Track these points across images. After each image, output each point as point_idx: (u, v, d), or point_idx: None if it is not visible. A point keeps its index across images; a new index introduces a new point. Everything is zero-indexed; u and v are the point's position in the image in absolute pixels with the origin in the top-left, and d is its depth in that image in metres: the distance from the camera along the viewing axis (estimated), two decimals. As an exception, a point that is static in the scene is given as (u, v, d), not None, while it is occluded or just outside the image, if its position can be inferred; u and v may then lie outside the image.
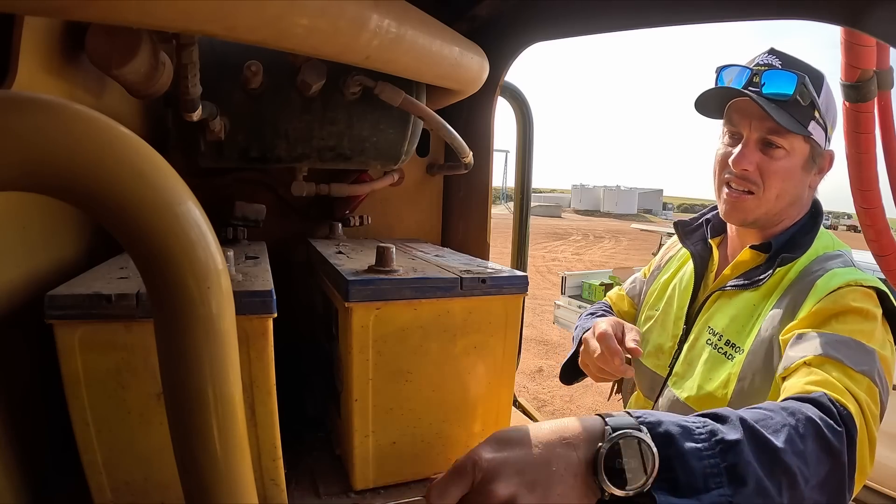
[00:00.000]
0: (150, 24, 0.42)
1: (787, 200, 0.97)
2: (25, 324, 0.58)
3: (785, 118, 0.91)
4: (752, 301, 0.98)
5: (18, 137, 0.28)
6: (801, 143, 0.94)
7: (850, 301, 0.83)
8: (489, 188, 1.28)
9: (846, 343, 0.76)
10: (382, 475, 0.73)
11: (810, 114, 0.92)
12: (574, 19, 1.02)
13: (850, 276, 0.87)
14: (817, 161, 0.97)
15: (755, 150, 0.96)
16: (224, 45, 0.86)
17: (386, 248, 0.68)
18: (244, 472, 0.38)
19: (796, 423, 0.58)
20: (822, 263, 0.93)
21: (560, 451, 0.48)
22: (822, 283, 0.88)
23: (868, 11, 0.59)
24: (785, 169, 0.95)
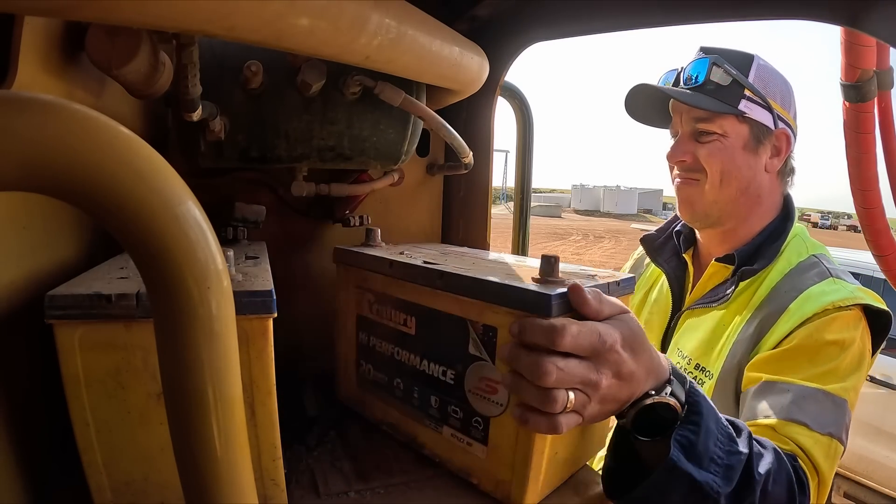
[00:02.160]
0: (150, 24, 0.42)
1: (736, 185, 0.94)
2: (25, 324, 0.58)
3: (704, 101, 0.90)
4: (721, 321, 0.93)
5: (18, 137, 0.28)
6: (734, 124, 0.92)
7: (824, 335, 0.79)
8: (489, 188, 1.28)
9: (814, 398, 0.74)
10: (547, 487, 0.69)
11: (738, 92, 0.90)
12: (574, 19, 1.02)
13: (828, 297, 0.82)
14: (765, 141, 0.93)
15: (688, 140, 0.95)
16: (224, 45, 0.86)
17: (554, 258, 0.61)
18: (244, 472, 0.38)
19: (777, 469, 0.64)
20: (795, 279, 0.88)
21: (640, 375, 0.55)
22: (795, 306, 0.83)
23: (868, 11, 0.59)
24: (720, 151, 0.92)
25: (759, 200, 0.96)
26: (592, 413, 0.54)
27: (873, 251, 1.34)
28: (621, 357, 0.53)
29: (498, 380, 0.63)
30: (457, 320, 0.68)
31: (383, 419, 0.88)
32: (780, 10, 0.70)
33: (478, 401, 0.67)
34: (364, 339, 0.88)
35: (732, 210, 0.96)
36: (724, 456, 0.58)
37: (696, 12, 0.81)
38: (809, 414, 0.73)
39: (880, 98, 1.15)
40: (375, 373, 0.86)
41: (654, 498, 0.56)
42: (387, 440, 0.94)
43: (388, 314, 0.80)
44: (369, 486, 0.81)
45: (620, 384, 0.53)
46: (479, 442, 0.69)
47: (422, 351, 0.75)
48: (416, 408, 0.78)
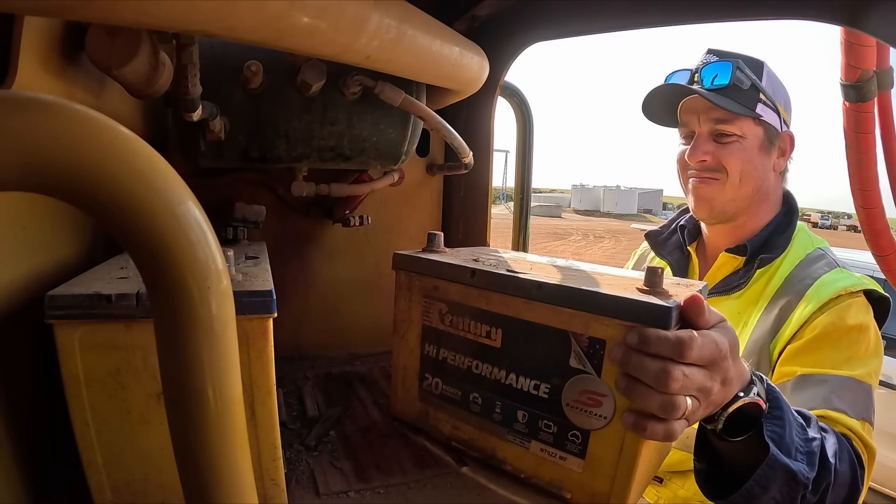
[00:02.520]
0: (150, 24, 0.42)
1: (752, 184, 0.98)
2: (25, 324, 0.58)
3: (729, 103, 0.94)
4: (736, 309, 0.97)
5: (18, 137, 0.28)
6: (751, 126, 0.96)
7: (845, 321, 0.85)
8: (489, 188, 1.28)
9: (848, 387, 0.81)
10: (637, 496, 0.67)
11: (755, 96, 0.94)
12: (574, 19, 1.03)
13: (840, 283, 0.88)
14: (775, 142, 0.98)
15: (707, 141, 0.98)
16: (224, 45, 0.86)
17: (660, 269, 0.60)
18: (244, 472, 0.38)
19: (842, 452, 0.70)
20: (808, 269, 0.94)
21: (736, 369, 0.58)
22: (813, 292, 0.89)
23: (868, 11, 0.59)
24: (740, 151, 0.96)
25: (767, 197, 1.01)
26: (697, 418, 0.57)
27: (873, 251, 1.33)
28: (728, 364, 0.56)
29: (603, 392, 0.61)
30: (556, 332, 0.65)
31: (453, 435, 0.82)
32: (780, 10, 0.70)
33: (577, 414, 0.65)
34: (431, 352, 0.82)
35: (746, 207, 1.00)
36: (804, 444, 0.63)
37: (696, 12, 0.81)
38: (847, 402, 0.79)
39: (880, 98, 1.15)
40: (445, 387, 0.81)
41: (756, 492, 0.60)
42: (386, 440, 0.95)
43: (466, 325, 0.75)
44: (369, 486, 0.81)
45: (724, 389, 0.57)
46: (575, 455, 0.66)
47: (508, 364, 0.71)
48: (499, 423, 0.74)
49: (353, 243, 1.37)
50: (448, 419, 0.83)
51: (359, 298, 1.40)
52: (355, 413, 1.05)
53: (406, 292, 0.85)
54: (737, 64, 0.94)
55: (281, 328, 0.62)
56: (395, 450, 0.91)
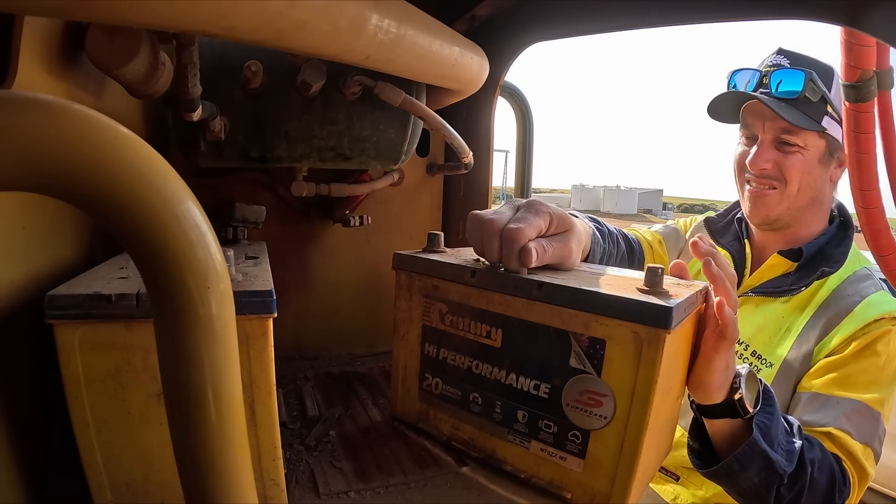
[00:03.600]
0: (150, 24, 0.42)
1: (809, 195, 0.98)
2: (25, 324, 0.58)
3: (796, 116, 0.93)
4: (781, 313, 0.98)
5: (18, 137, 0.28)
6: (815, 139, 0.95)
7: (878, 346, 0.88)
8: (489, 188, 1.28)
9: (858, 412, 0.85)
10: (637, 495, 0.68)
11: (822, 109, 0.94)
12: (574, 19, 1.02)
13: (886, 306, 0.91)
14: (835, 155, 0.98)
15: (770, 148, 0.97)
16: (224, 45, 0.86)
17: (660, 269, 0.60)
18: (244, 472, 0.38)
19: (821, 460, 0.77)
20: (857, 285, 0.96)
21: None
22: (861, 310, 0.92)
23: (868, 11, 0.59)
24: (802, 163, 0.96)
25: (822, 207, 1.02)
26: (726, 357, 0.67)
27: (873, 251, 1.33)
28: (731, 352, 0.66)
29: (604, 393, 0.62)
30: (556, 332, 0.65)
31: (454, 435, 0.82)
32: (780, 10, 0.70)
33: (577, 414, 0.65)
34: (431, 352, 0.82)
35: (801, 216, 1.01)
36: (786, 442, 0.72)
37: (696, 12, 0.81)
38: (854, 425, 0.83)
39: (880, 98, 1.15)
40: (445, 387, 0.81)
41: (735, 468, 0.69)
42: (386, 440, 0.95)
43: (466, 325, 0.75)
44: (369, 486, 0.81)
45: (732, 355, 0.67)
46: (575, 455, 0.67)
47: (508, 364, 0.71)
48: (499, 423, 0.75)
49: (353, 243, 1.37)
50: (448, 419, 0.83)
51: (359, 298, 1.40)
52: (355, 413, 1.05)
53: (406, 292, 0.84)
54: (810, 75, 0.93)
55: (281, 328, 0.62)
56: (395, 450, 0.91)
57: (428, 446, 0.93)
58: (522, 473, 0.74)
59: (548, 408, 0.68)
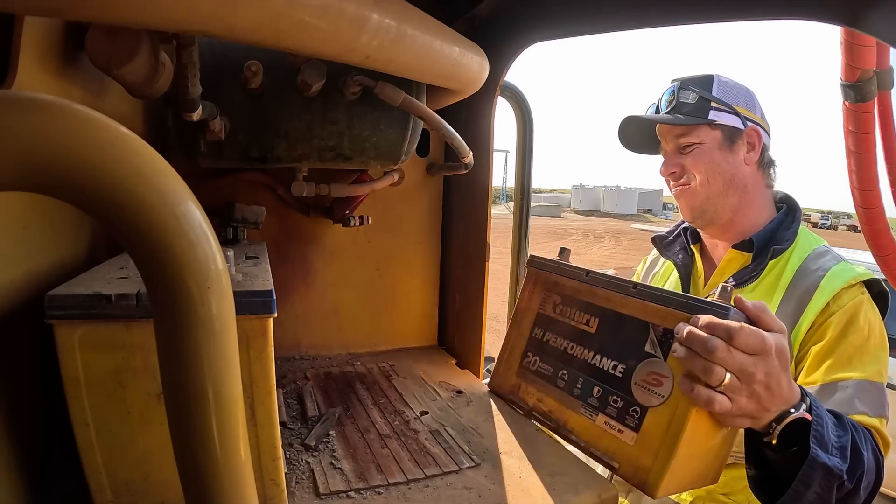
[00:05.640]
0: (150, 24, 0.42)
1: (721, 180, 1.09)
2: (25, 324, 0.58)
3: (677, 119, 1.08)
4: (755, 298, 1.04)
5: (18, 137, 0.28)
6: (708, 131, 1.08)
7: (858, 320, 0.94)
8: (489, 188, 1.28)
9: (865, 389, 0.89)
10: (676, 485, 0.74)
11: (705, 106, 1.07)
12: (574, 19, 1.03)
13: (848, 273, 0.98)
14: (736, 140, 1.08)
15: (674, 155, 1.12)
16: (224, 45, 0.86)
17: (730, 287, 0.72)
18: (244, 472, 0.38)
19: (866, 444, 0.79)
20: (818, 261, 1.02)
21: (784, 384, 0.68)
22: (826, 283, 0.97)
23: (868, 11, 0.59)
24: (701, 155, 1.09)
25: (746, 189, 1.10)
26: (741, 405, 0.66)
27: (873, 251, 1.33)
28: (773, 364, 0.65)
29: (665, 374, 0.74)
30: (639, 323, 0.80)
31: (535, 406, 0.96)
32: (780, 10, 0.70)
33: (641, 392, 0.77)
34: (538, 334, 1.00)
35: (724, 202, 1.09)
36: (837, 440, 0.72)
37: (696, 12, 0.81)
38: (866, 403, 0.88)
39: (880, 98, 1.15)
40: (541, 364, 0.97)
41: (801, 490, 0.69)
42: (386, 440, 0.95)
43: (572, 314, 0.93)
44: (369, 486, 0.81)
45: (768, 391, 0.66)
46: (631, 429, 0.77)
47: (597, 347, 0.86)
48: (576, 397, 0.87)
49: (353, 243, 1.37)
50: (535, 392, 0.97)
51: (359, 298, 1.40)
52: (355, 413, 1.05)
53: (531, 286, 1.04)
54: (680, 85, 1.09)
55: (281, 328, 0.63)
56: (395, 450, 0.91)
57: (427, 446, 0.93)
58: (583, 443, 0.84)
59: (619, 385, 0.80)
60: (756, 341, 0.64)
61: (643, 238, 20.61)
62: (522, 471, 0.87)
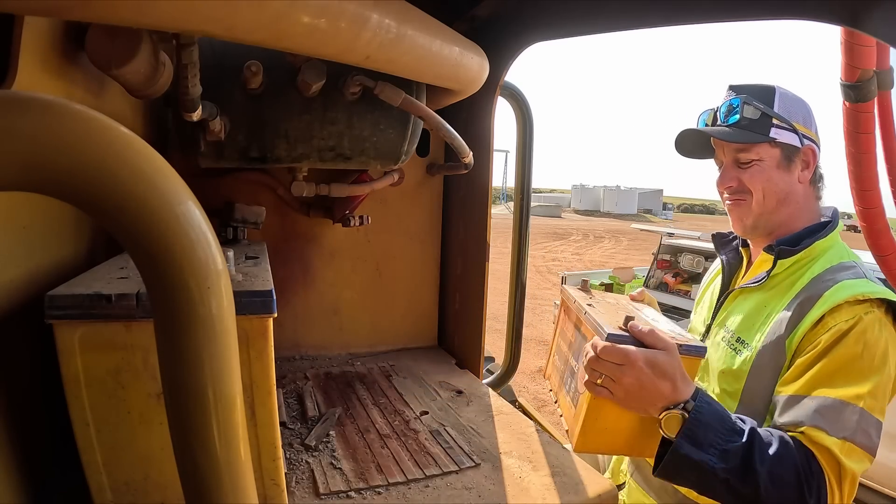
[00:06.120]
0: (150, 24, 0.42)
1: (776, 197, 1.09)
2: (25, 324, 0.58)
3: (740, 136, 1.08)
4: (762, 302, 1.08)
5: (18, 137, 0.28)
6: (768, 149, 1.07)
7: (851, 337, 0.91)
8: (489, 188, 1.28)
9: (833, 408, 0.88)
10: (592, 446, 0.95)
11: (767, 122, 1.06)
12: (574, 19, 1.03)
13: (857, 289, 0.94)
14: (794, 158, 1.09)
15: (732, 168, 1.12)
16: (224, 45, 0.86)
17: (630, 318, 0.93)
18: (244, 472, 0.38)
19: (783, 455, 0.84)
20: (834, 273, 1.01)
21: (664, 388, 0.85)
22: (830, 293, 0.96)
23: (868, 11, 0.59)
24: (760, 173, 1.09)
25: (797, 205, 1.12)
26: (619, 397, 0.86)
27: (873, 251, 1.33)
28: (643, 371, 0.84)
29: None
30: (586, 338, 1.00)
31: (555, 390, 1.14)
32: (780, 10, 0.70)
33: (579, 383, 0.96)
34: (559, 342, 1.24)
35: (776, 219, 1.12)
36: (722, 442, 0.83)
37: (696, 12, 0.81)
38: (829, 421, 0.87)
39: (880, 98, 1.15)
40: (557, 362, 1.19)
41: (670, 472, 0.86)
42: (386, 440, 0.95)
43: (570, 331, 1.15)
44: (369, 486, 0.81)
45: (643, 390, 0.84)
46: (574, 406, 0.97)
47: (574, 354, 1.06)
48: (566, 385, 1.06)
49: (353, 243, 1.37)
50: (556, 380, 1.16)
51: (359, 298, 1.40)
52: (355, 413, 1.05)
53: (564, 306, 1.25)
54: (745, 99, 1.07)
55: (281, 328, 0.63)
56: (395, 450, 0.91)
57: (427, 446, 0.93)
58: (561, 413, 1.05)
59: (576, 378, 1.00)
60: (617, 355, 0.85)
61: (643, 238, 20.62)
62: (522, 471, 0.87)
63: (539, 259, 14.71)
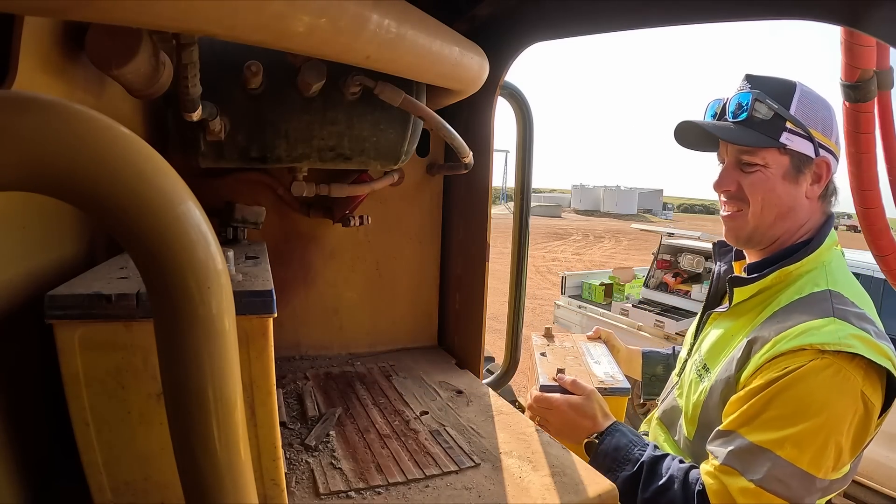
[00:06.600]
0: (150, 24, 0.42)
1: (775, 212, 0.97)
2: (25, 324, 0.58)
3: (746, 136, 0.94)
4: (730, 330, 1.01)
5: (18, 137, 0.28)
6: (776, 156, 0.95)
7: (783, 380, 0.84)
8: (489, 188, 1.28)
9: (748, 451, 0.85)
10: None
11: (780, 125, 0.93)
12: (574, 19, 1.02)
13: (808, 338, 0.84)
14: (805, 170, 0.96)
15: (734, 170, 0.99)
16: (224, 45, 0.86)
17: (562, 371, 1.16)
18: (244, 472, 0.38)
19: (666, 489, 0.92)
20: (797, 310, 0.90)
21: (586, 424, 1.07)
22: (780, 338, 0.87)
23: (868, 11, 0.59)
24: (762, 181, 0.96)
25: (798, 221, 1.00)
26: (553, 432, 1.04)
27: (873, 251, 1.33)
28: (567, 413, 1.08)
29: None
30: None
31: None
32: (780, 10, 0.70)
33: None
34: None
35: (772, 234, 1.01)
36: (617, 469, 0.98)
37: (696, 12, 0.81)
38: (743, 463, 0.84)
39: (880, 98, 1.15)
40: None
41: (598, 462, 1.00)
42: (386, 440, 0.95)
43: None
44: (369, 486, 0.81)
45: (566, 426, 1.08)
46: None
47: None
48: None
49: (353, 243, 1.37)
50: None
51: (359, 298, 1.40)
52: (355, 413, 1.05)
53: None
54: (757, 96, 0.94)
55: (281, 328, 0.63)
56: (395, 450, 0.91)
57: (427, 446, 0.93)
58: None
59: None
60: (545, 402, 1.10)
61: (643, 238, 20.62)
62: (522, 471, 0.87)
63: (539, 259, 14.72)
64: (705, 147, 1.07)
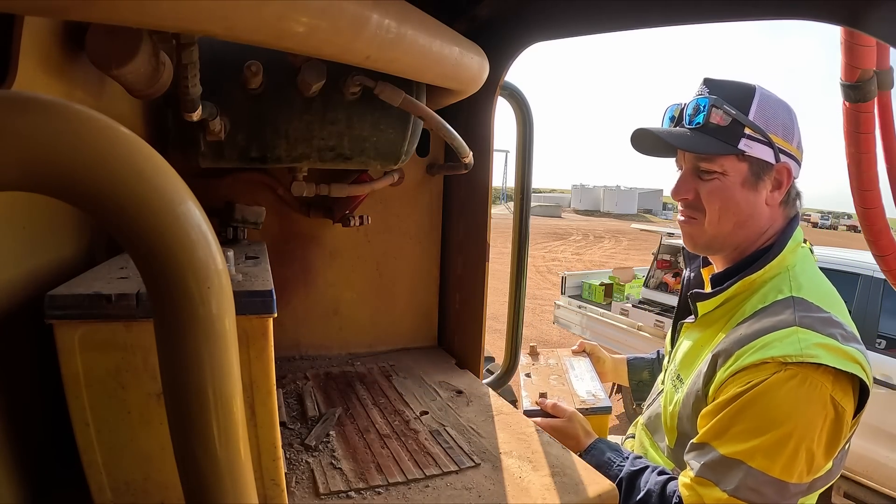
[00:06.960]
0: (150, 24, 0.42)
1: (734, 220, 0.96)
2: (25, 324, 0.58)
3: (705, 144, 0.92)
4: (700, 340, 1.00)
5: (18, 137, 0.28)
6: (734, 163, 0.93)
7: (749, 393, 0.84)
8: (489, 188, 1.28)
9: (721, 463, 0.85)
10: None
11: (738, 132, 0.91)
12: (574, 19, 1.02)
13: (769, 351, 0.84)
14: (763, 176, 0.94)
15: (691, 178, 0.98)
16: (224, 45, 0.85)
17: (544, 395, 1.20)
18: (244, 472, 0.38)
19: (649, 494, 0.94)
20: (760, 321, 0.89)
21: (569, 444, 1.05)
22: (742, 351, 0.86)
23: (868, 11, 0.59)
24: (720, 189, 0.94)
25: (759, 228, 0.98)
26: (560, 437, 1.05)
27: (873, 251, 1.33)
28: (557, 431, 1.09)
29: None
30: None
31: None
32: (780, 10, 0.70)
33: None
34: None
35: (731, 241, 0.99)
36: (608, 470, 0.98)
37: (696, 12, 0.81)
38: (717, 475, 0.85)
39: (880, 98, 1.15)
40: None
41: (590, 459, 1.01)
42: (386, 440, 0.95)
43: None
44: (369, 486, 0.81)
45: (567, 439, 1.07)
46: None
47: None
48: None
49: (353, 243, 1.37)
50: None
51: (359, 298, 1.40)
52: (355, 413, 1.05)
53: None
54: (714, 102, 0.92)
55: (281, 328, 0.63)
56: (395, 450, 0.91)
57: (427, 446, 0.93)
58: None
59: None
60: (543, 423, 1.09)
61: (643, 238, 20.63)
62: (522, 471, 0.87)
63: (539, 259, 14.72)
64: (663, 153, 1.05)
